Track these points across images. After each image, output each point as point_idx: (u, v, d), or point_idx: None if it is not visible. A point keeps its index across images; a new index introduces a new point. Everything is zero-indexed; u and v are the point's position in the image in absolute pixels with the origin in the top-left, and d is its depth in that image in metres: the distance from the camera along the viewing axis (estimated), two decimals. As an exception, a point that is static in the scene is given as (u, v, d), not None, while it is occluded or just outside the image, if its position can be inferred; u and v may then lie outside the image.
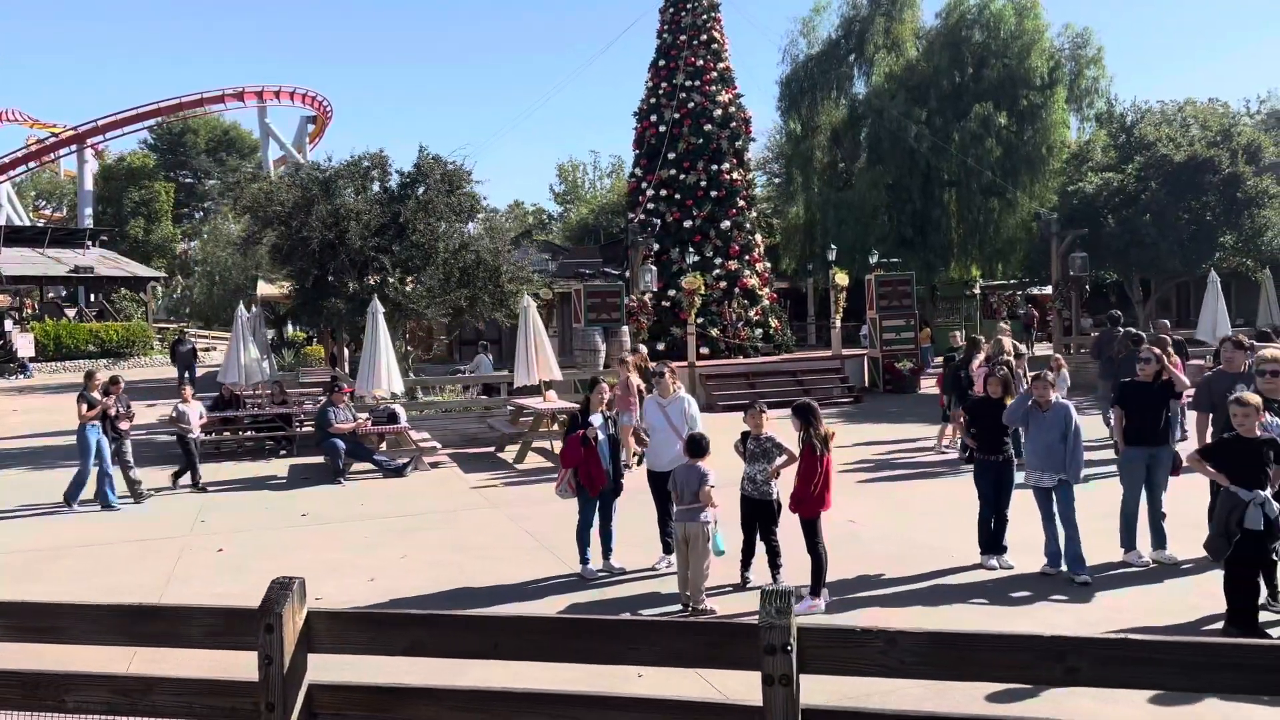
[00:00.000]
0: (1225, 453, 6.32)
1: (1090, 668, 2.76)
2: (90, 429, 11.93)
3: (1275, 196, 21.89)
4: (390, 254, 17.67)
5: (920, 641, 2.88)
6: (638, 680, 5.16)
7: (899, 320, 25.10)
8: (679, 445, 8.20)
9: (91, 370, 13.04)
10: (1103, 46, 33.16)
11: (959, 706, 5.11)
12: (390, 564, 8.88)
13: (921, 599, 7.43)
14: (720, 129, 26.75)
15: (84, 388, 12.25)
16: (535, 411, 15.30)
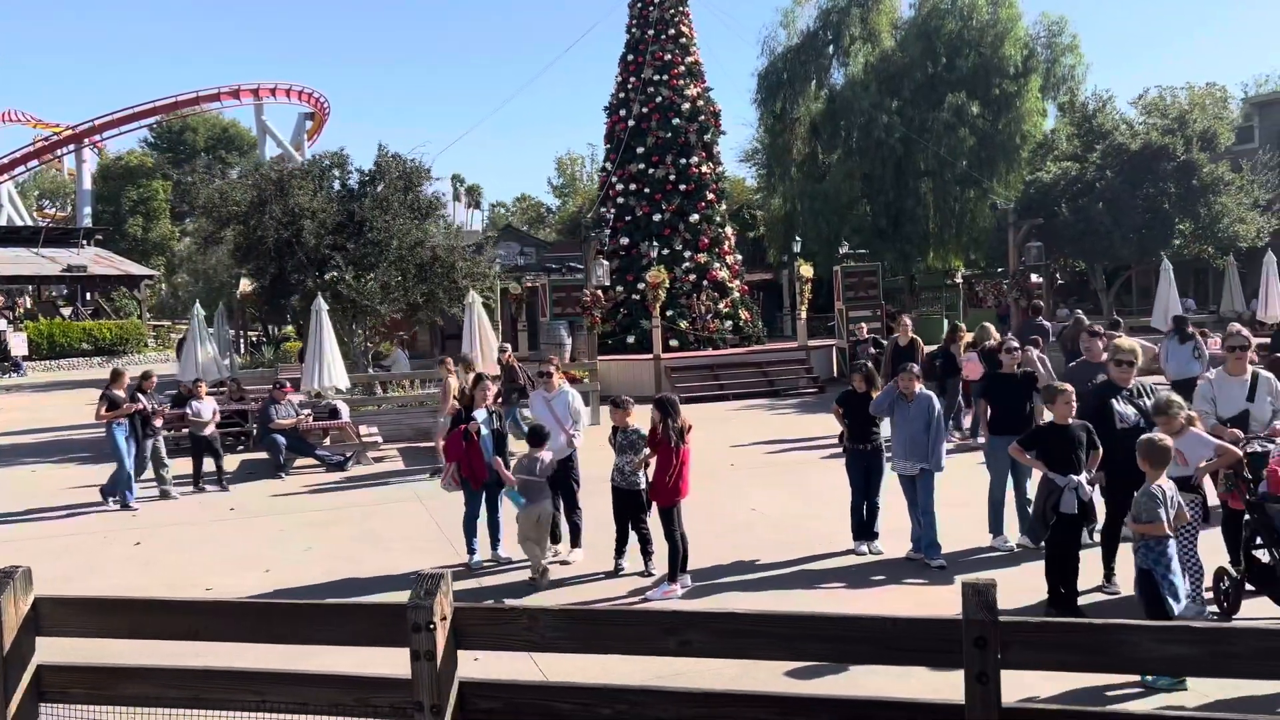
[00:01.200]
0: (1042, 440, 6.56)
1: (702, 639, 3.03)
2: (117, 429, 11.70)
3: (1230, 183, 21.98)
4: (345, 251, 17.96)
5: (559, 618, 3.16)
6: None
7: (865, 311, 25.28)
8: (563, 438, 8.49)
9: (118, 369, 12.71)
10: (1078, 34, 33.13)
11: (760, 684, 5.36)
12: (293, 556, 9.20)
13: (782, 583, 7.70)
14: (688, 123, 26.95)
15: (108, 386, 12.00)
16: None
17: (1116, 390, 6.99)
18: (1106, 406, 6.86)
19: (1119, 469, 6.68)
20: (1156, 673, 4.69)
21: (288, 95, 71.55)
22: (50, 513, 11.74)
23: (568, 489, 8.44)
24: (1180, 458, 6.25)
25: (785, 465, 13.16)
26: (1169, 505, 5.40)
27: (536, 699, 3.19)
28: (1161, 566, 5.32)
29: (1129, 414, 6.82)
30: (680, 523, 7.50)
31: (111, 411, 11.71)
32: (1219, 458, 6.24)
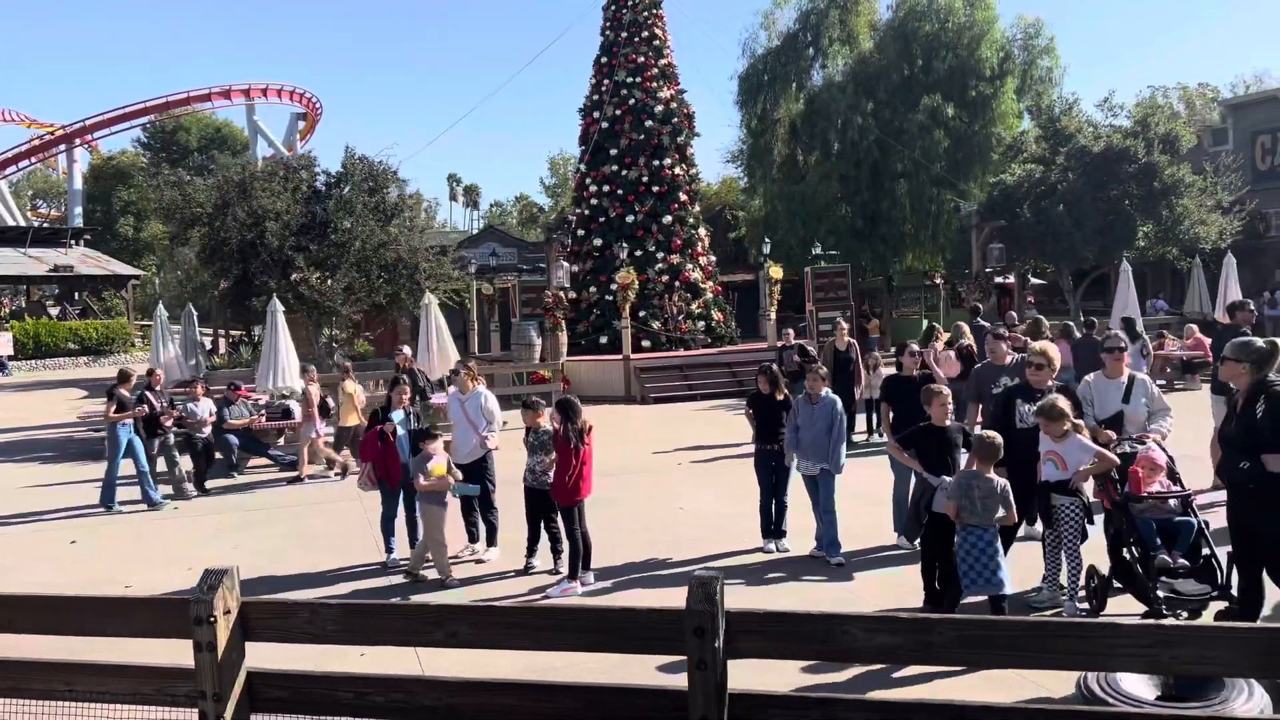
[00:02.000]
0: (919, 440, 6.74)
1: (466, 631, 3.22)
2: (121, 429, 11.63)
3: (1190, 186, 22.17)
4: (308, 252, 18.15)
5: (337, 612, 3.35)
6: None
7: (835, 312, 25.47)
8: (475, 439, 8.68)
9: (125, 369, 12.69)
10: (1054, 36, 33.35)
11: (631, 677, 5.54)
12: (221, 554, 9.37)
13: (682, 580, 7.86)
14: (661, 125, 27.13)
15: (115, 385, 11.96)
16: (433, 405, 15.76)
17: (1028, 391, 7.14)
18: (1010, 405, 7.04)
19: (1016, 468, 6.89)
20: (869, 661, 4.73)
21: (279, 95, 71.66)
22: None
23: (483, 489, 8.62)
24: (1061, 462, 6.43)
25: (729, 465, 13.32)
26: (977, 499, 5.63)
27: (320, 688, 3.37)
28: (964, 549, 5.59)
29: (1030, 415, 6.99)
30: (582, 521, 7.68)
31: (120, 412, 11.68)
32: (1097, 462, 6.40)
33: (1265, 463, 5.49)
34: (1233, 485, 5.76)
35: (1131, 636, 2.75)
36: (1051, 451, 6.41)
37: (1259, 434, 5.56)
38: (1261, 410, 5.61)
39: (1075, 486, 6.49)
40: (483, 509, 8.69)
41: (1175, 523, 6.12)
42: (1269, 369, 5.78)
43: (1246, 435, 5.63)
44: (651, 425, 18.76)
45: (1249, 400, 5.73)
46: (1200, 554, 6.04)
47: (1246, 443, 5.61)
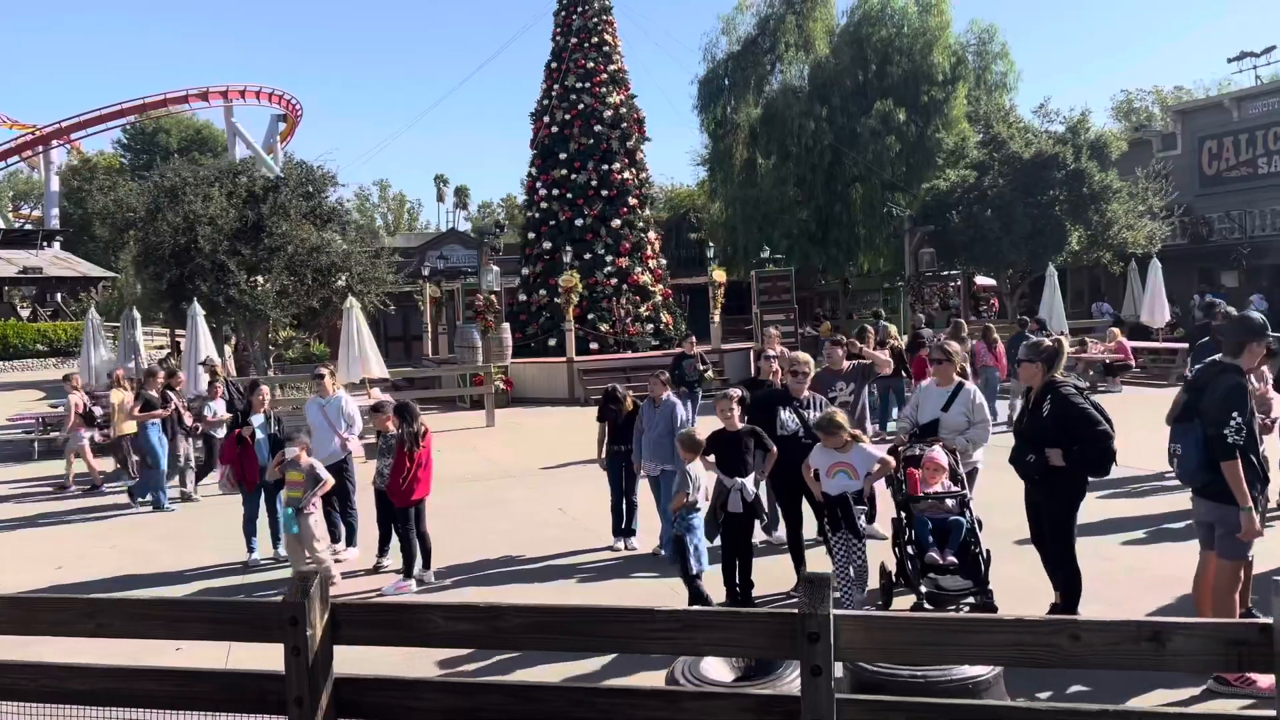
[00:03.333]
0: (713, 444, 7.03)
1: (115, 622, 3.50)
2: (151, 429, 11.71)
3: (1118, 191, 22.53)
4: (240, 256, 18.38)
5: (5, 605, 3.62)
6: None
7: (779, 315, 25.79)
8: (336, 442, 8.95)
9: (151, 368, 12.65)
10: (1007, 42, 33.71)
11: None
12: (96, 554, 9.65)
13: (528, 577, 8.19)
14: (611, 129, 27.43)
15: (142, 385, 11.99)
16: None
17: (787, 399, 7.45)
18: (772, 412, 7.35)
19: (779, 472, 7.21)
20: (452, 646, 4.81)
21: (257, 97, 71.73)
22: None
23: (343, 490, 8.89)
24: (853, 471, 6.71)
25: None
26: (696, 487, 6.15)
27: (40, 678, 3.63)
28: (690, 534, 6.13)
29: (790, 422, 7.30)
30: (420, 521, 7.96)
31: (148, 411, 11.73)
32: (879, 468, 6.69)
33: (1049, 457, 5.85)
34: (1023, 474, 6.15)
35: (662, 621, 3.04)
36: (841, 463, 6.68)
37: (1046, 430, 5.91)
38: (1048, 409, 5.96)
39: (869, 493, 6.73)
40: (342, 510, 8.96)
41: (949, 522, 6.41)
42: (1058, 367, 6.14)
43: (1035, 431, 6.00)
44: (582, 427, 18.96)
45: (1039, 399, 6.08)
46: (970, 552, 6.34)
47: (1034, 437, 5.98)
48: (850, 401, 8.56)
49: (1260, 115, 29.35)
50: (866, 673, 3.50)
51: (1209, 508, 5.29)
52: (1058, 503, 6.03)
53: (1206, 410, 5.15)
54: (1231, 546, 5.24)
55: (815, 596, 2.84)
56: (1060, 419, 5.93)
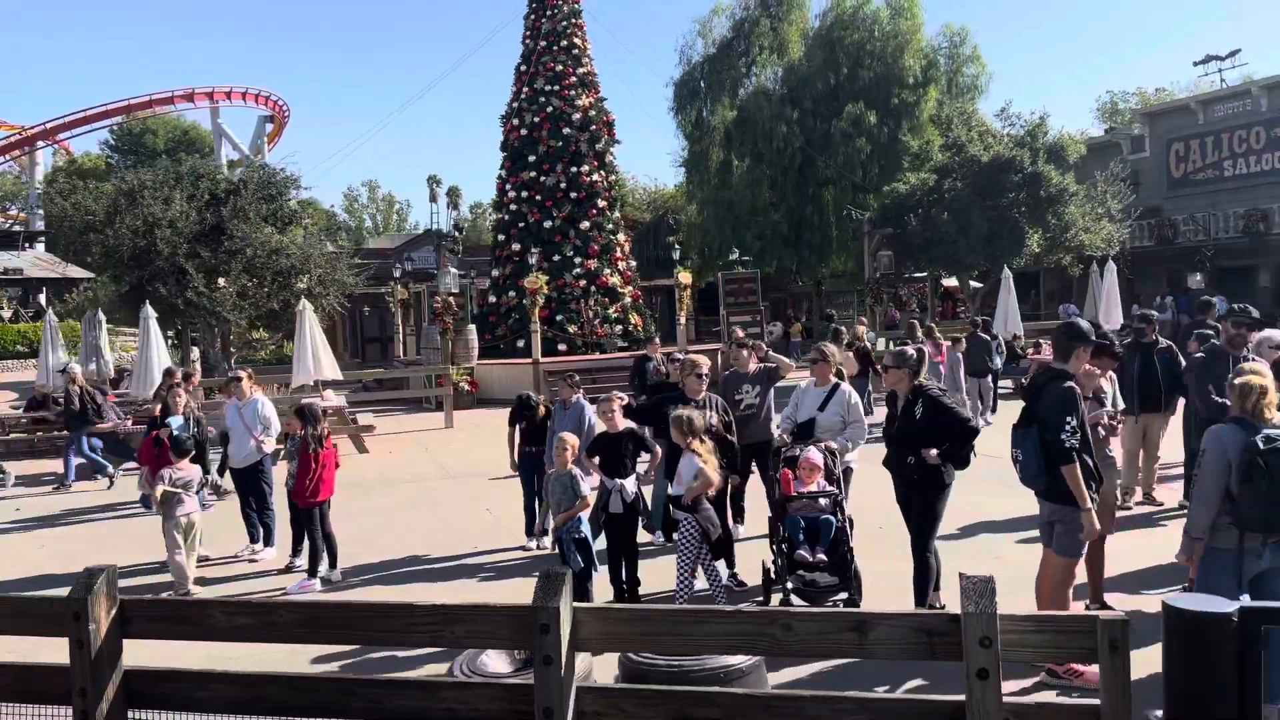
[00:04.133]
0: (595, 447, 7.20)
1: None
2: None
3: (1074, 194, 22.74)
4: (199, 259, 18.52)
5: None
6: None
7: (746, 316, 26.02)
8: (252, 444, 9.10)
9: (170, 367, 12.94)
10: (979, 45, 34.02)
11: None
12: (23, 555, 9.79)
13: (433, 576, 8.35)
14: (580, 132, 27.57)
15: (162, 387, 12.11)
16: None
17: (684, 400, 7.63)
18: (662, 413, 7.53)
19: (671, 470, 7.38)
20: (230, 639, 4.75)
21: (243, 98, 71.65)
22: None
23: (259, 492, 9.05)
24: (679, 476, 6.85)
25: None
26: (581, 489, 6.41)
27: None
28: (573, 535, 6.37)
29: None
30: (325, 522, 8.12)
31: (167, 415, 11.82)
32: (696, 485, 6.67)
33: (925, 456, 6.08)
34: (899, 475, 6.40)
35: (423, 615, 3.20)
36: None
37: (921, 432, 6.15)
38: (921, 412, 6.19)
39: (686, 501, 6.75)
40: (258, 511, 9.12)
41: (820, 521, 6.58)
42: (923, 371, 6.37)
43: (910, 433, 6.24)
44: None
45: (910, 403, 6.30)
46: (839, 550, 6.51)
47: (910, 439, 6.23)
48: (755, 404, 8.73)
49: (1225, 118, 29.61)
50: (632, 663, 3.68)
51: (1050, 509, 5.48)
52: (932, 498, 6.28)
53: (1043, 417, 5.33)
54: (1067, 544, 5.43)
55: (547, 591, 3.01)
56: (933, 420, 6.18)
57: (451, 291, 21.84)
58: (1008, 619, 2.88)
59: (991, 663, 2.75)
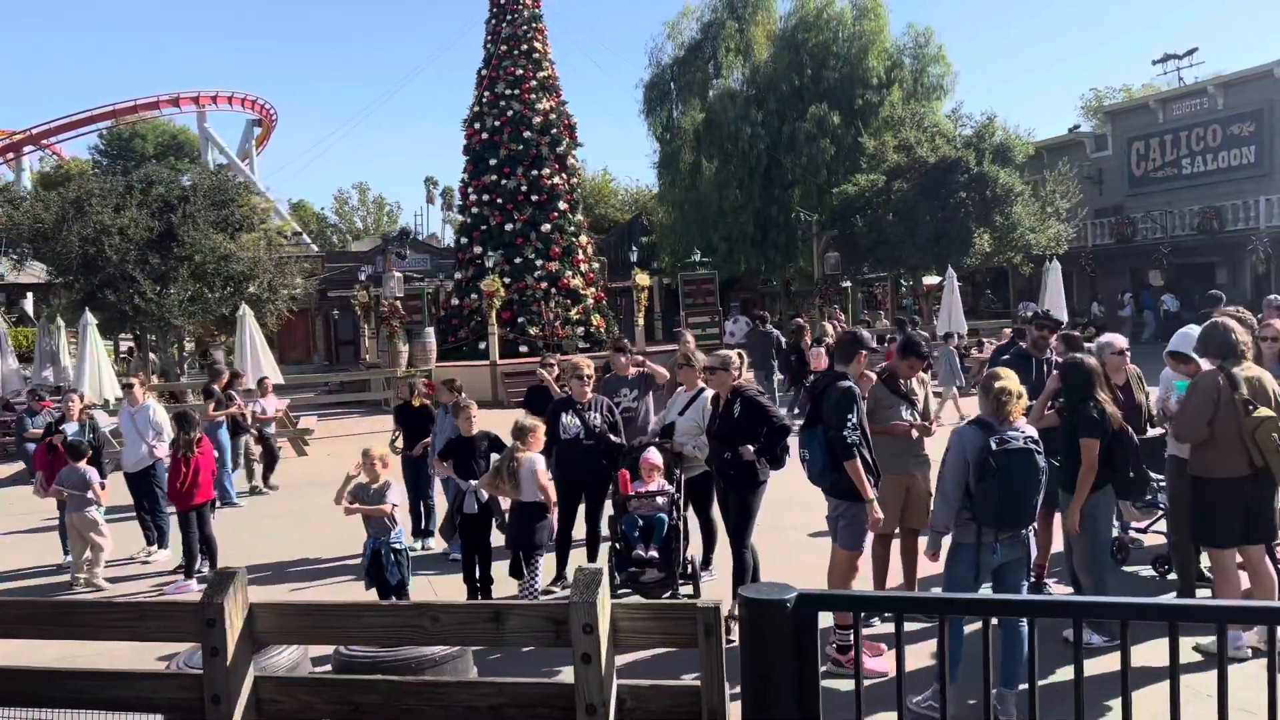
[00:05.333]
0: (449, 450, 7.44)
1: None
2: (220, 428, 11.95)
3: (1020, 194, 22.96)
4: (148, 266, 18.77)
5: None
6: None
7: (704, 317, 26.28)
8: (144, 449, 9.35)
9: (218, 367, 13.17)
10: (943, 44, 34.16)
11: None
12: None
13: (313, 576, 8.64)
14: (540, 135, 27.79)
15: (210, 383, 12.43)
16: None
17: (570, 403, 7.88)
18: (556, 417, 7.77)
19: (559, 472, 7.64)
20: None
21: (229, 102, 71.90)
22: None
23: (151, 495, 9.30)
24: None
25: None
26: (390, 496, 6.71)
27: None
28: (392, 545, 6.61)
29: (573, 426, 7.72)
30: (206, 524, 8.38)
31: (220, 410, 12.07)
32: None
33: (742, 453, 6.31)
34: (718, 472, 6.66)
35: (121, 612, 3.45)
36: None
37: (739, 430, 6.40)
38: (739, 411, 6.45)
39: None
40: (152, 513, 9.37)
41: (655, 519, 6.82)
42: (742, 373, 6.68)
43: (729, 431, 6.50)
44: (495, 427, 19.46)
45: (730, 403, 6.56)
46: (670, 547, 6.76)
47: (729, 437, 6.48)
48: (634, 407, 8.97)
49: (1183, 117, 29.83)
50: (340, 655, 3.92)
51: (835, 504, 5.72)
52: (748, 493, 6.52)
53: (826, 416, 5.58)
54: (850, 537, 5.68)
55: (216, 588, 3.25)
56: (751, 418, 6.43)
57: (396, 295, 22.08)
58: (623, 608, 3.14)
59: (593, 648, 2.99)
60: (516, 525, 6.88)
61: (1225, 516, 5.34)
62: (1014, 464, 4.59)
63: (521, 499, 6.93)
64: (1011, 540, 4.77)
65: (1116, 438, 5.57)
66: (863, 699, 2.96)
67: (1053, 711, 3.59)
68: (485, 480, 6.89)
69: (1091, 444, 5.49)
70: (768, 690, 2.84)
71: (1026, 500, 4.67)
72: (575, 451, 7.54)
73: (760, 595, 2.85)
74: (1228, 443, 5.25)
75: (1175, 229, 28.34)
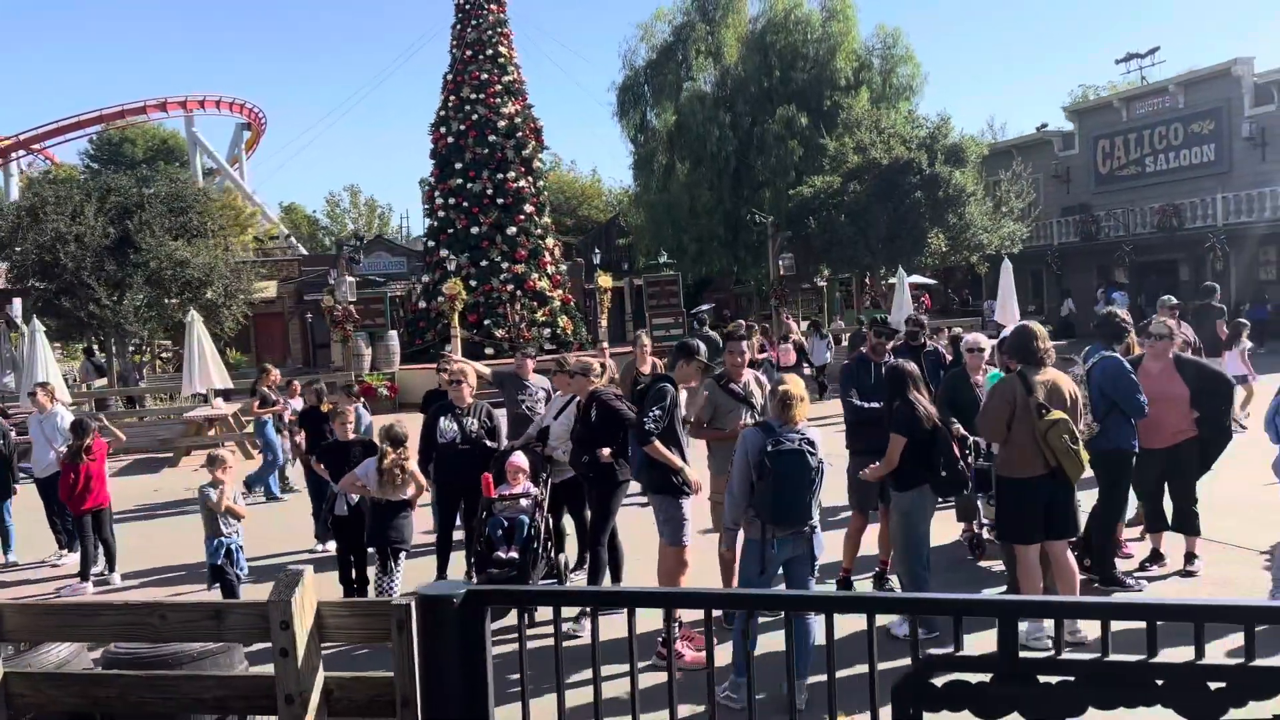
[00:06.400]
0: (324, 454, 7.68)
1: None
2: (268, 424, 12.18)
3: (972, 194, 23.18)
4: (104, 273, 19.00)
5: None
6: None
7: (668, 318, 26.51)
8: (51, 454, 9.58)
9: (266, 365, 13.59)
10: (911, 45, 34.38)
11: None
12: None
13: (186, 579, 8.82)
14: (505, 139, 28.03)
15: (257, 382, 12.67)
16: (189, 419, 16.70)
17: (449, 408, 8.11)
18: (433, 421, 8.00)
19: (437, 476, 7.87)
20: None
21: (217, 106, 71.96)
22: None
23: (60, 501, 9.52)
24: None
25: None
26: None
27: None
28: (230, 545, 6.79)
29: (449, 430, 7.94)
30: (101, 528, 8.61)
31: (266, 407, 12.34)
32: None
33: (600, 455, 6.56)
34: (581, 476, 6.90)
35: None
36: None
37: (597, 432, 6.64)
38: (596, 415, 6.70)
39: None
40: (62, 519, 9.60)
41: (516, 521, 7.05)
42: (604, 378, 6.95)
43: (588, 434, 6.74)
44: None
45: (588, 407, 6.81)
46: (530, 548, 6.98)
47: (588, 440, 6.72)
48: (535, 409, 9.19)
49: (1146, 116, 30.04)
50: (108, 652, 4.16)
51: (656, 501, 5.95)
52: (606, 495, 6.75)
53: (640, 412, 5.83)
54: (671, 533, 5.91)
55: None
56: (606, 422, 6.68)
57: (349, 300, 22.31)
58: (327, 605, 3.37)
59: (290, 642, 3.22)
60: (377, 523, 7.07)
61: (1026, 514, 5.57)
62: (786, 464, 4.82)
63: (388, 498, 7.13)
64: (795, 536, 4.99)
65: (931, 437, 5.80)
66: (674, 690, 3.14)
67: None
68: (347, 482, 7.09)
69: (898, 440, 5.73)
70: (442, 685, 3.07)
71: (800, 498, 4.90)
72: (452, 455, 7.76)
73: (431, 592, 3.07)
74: (1025, 444, 5.47)
75: (1137, 227, 28.55)
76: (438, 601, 3.05)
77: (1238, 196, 25.74)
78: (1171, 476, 6.79)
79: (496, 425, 8.20)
